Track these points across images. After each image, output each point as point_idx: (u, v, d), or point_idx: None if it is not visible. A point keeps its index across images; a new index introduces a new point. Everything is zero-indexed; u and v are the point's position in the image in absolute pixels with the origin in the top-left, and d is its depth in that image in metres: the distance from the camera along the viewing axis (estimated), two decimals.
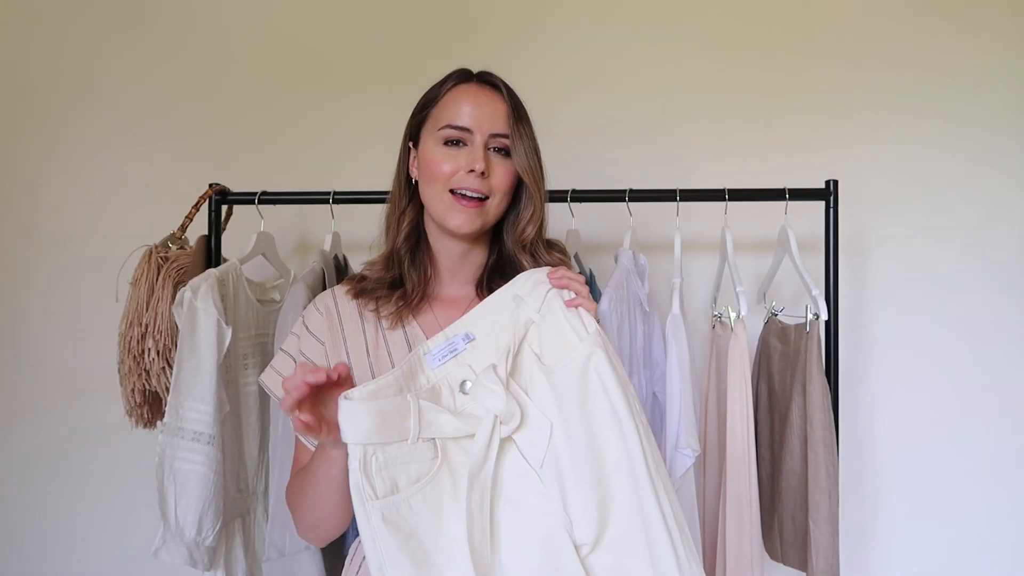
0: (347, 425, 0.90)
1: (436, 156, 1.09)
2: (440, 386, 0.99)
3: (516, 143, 1.09)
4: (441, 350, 1.01)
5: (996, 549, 1.87)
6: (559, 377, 0.97)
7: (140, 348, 1.44)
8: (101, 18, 1.99)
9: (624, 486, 0.93)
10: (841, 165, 1.82)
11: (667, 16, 1.93)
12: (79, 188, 1.99)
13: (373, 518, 0.90)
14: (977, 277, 1.88)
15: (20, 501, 1.99)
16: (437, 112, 1.11)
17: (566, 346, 0.99)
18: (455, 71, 1.14)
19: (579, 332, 0.98)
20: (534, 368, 0.98)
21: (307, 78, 1.97)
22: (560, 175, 1.40)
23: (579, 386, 0.96)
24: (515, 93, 1.13)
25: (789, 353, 1.55)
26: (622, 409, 0.94)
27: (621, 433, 0.94)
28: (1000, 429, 1.88)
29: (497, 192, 1.09)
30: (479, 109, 1.08)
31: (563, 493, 0.93)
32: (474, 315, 1.03)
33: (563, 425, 0.95)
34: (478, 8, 1.96)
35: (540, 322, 1.01)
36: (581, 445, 0.94)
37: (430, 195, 1.10)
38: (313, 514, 1.06)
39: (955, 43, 1.88)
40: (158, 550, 1.32)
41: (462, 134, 1.08)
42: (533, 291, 1.03)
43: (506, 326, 1.01)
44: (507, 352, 0.99)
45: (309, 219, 1.92)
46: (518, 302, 1.02)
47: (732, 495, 1.45)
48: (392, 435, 0.92)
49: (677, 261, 1.54)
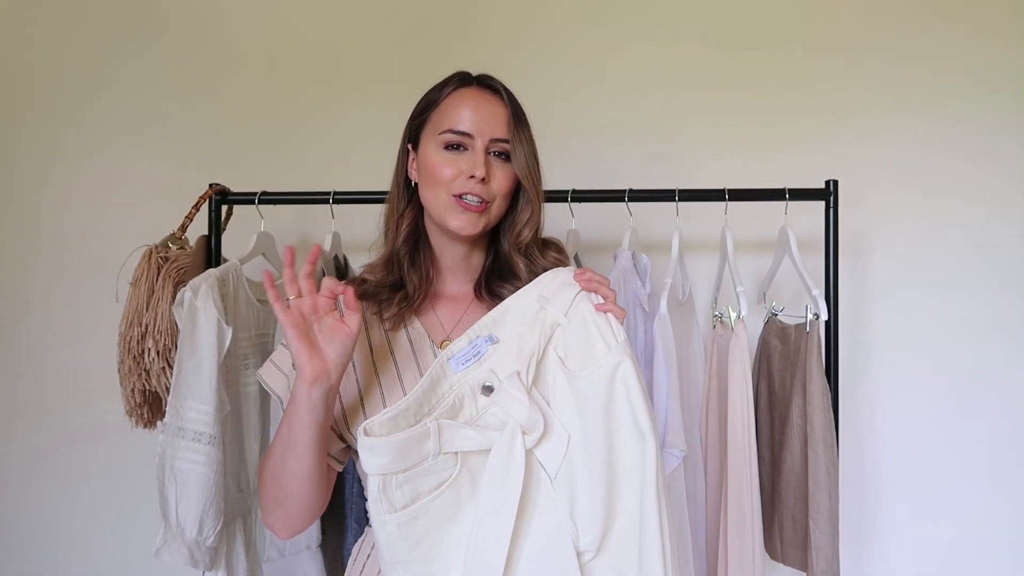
0: (367, 459, 0.90)
1: (437, 160, 1.08)
2: (463, 394, 0.98)
3: (516, 147, 1.09)
4: (465, 354, 0.99)
5: (996, 549, 1.88)
6: (583, 383, 0.96)
7: (140, 348, 1.43)
8: (101, 19, 1.99)
9: (631, 495, 0.93)
10: (841, 165, 1.82)
11: (667, 16, 1.93)
12: (79, 188, 1.99)
13: (390, 527, 0.90)
14: (977, 277, 1.88)
15: (20, 501, 1.99)
16: (438, 116, 1.11)
17: (592, 352, 0.97)
18: (455, 74, 1.14)
19: (607, 339, 0.97)
20: (557, 372, 0.97)
21: (307, 78, 1.97)
22: (560, 175, 1.40)
23: (604, 394, 0.95)
24: (515, 97, 1.13)
25: (789, 353, 1.55)
26: (645, 422, 0.94)
27: (641, 446, 0.93)
28: (1000, 429, 1.88)
29: (497, 196, 1.10)
30: (480, 114, 1.08)
31: (572, 500, 0.93)
32: (497, 316, 1.02)
33: (582, 433, 0.94)
34: (478, 8, 1.96)
35: (567, 325, 0.99)
36: (598, 454, 0.94)
37: (430, 198, 1.10)
38: (280, 483, 1.00)
39: (955, 43, 1.89)
40: (159, 550, 1.32)
41: (463, 139, 1.08)
42: (560, 292, 1.01)
43: (530, 328, 1.00)
44: (531, 356, 0.98)
45: (309, 219, 1.92)
46: (543, 303, 1.01)
47: (733, 495, 1.45)
48: (412, 461, 0.92)
49: (673, 261, 1.54)
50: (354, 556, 1.12)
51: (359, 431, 0.91)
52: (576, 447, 0.94)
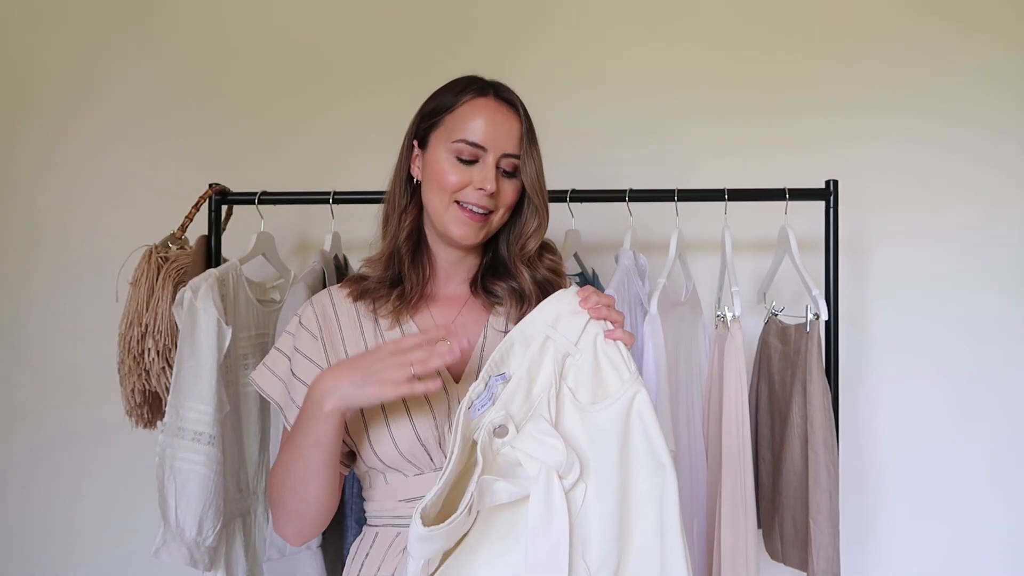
0: (421, 547, 0.86)
1: (446, 167, 1.08)
2: (484, 442, 0.94)
3: (526, 162, 1.09)
4: (482, 399, 0.96)
5: (996, 549, 1.87)
6: (598, 417, 0.94)
7: (140, 348, 1.44)
8: (101, 18, 1.99)
9: (647, 530, 0.92)
10: (841, 165, 1.82)
11: (667, 16, 1.93)
12: (79, 188, 1.99)
13: None
14: (977, 277, 1.88)
15: (20, 501, 1.99)
16: (452, 122, 1.10)
17: (605, 385, 0.95)
18: (472, 81, 1.13)
19: (620, 371, 0.95)
20: (568, 405, 0.95)
21: (307, 78, 1.97)
22: (560, 175, 1.40)
23: (620, 428, 0.93)
24: (527, 110, 1.12)
25: (789, 353, 1.55)
26: (664, 453, 0.92)
27: (661, 477, 0.92)
28: (1000, 429, 1.88)
29: (502, 207, 1.10)
30: (495, 128, 1.08)
31: (584, 541, 0.91)
32: (504, 350, 0.98)
33: (596, 468, 0.92)
34: (480, 9, 1.95)
35: (576, 355, 0.97)
36: (613, 490, 0.92)
37: (434, 202, 1.10)
38: (295, 496, 1.01)
39: (955, 43, 1.88)
40: (158, 550, 1.32)
41: (476, 151, 1.07)
42: (568, 321, 0.98)
43: (539, 359, 0.97)
44: (548, 390, 0.95)
45: (309, 219, 1.92)
46: (550, 333, 0.98)
47: (727, 495, 1.45)
48: (457, 537, 0.90)
49: (669, 262, 1.54)
50: (352, 555, 1.12)
51: (414, 518, 0.86)
52: (590, 483, 0.92)
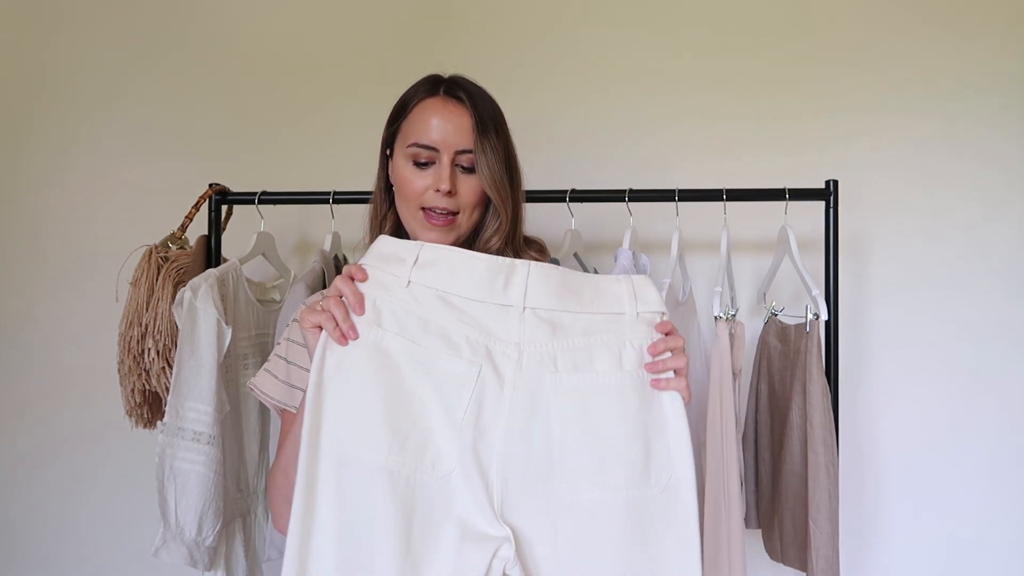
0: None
1: (407, 174, 1.09)
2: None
3: (480, 158, 1.07)
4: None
5: (997, 549, 1.87)
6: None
7: (140, 348, 1.44)
8: (101, 21, 1.99)
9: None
10: (841, 165, 1.82)
11: (667, 17, 1.93)
12: (79, 188, 1.99)
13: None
14: (977, 277, 1.88)
15: (20, 501, 1.99)
16: (407, 126, 1.10)
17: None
18: (424, 81, 1.13)
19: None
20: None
21: (307, 78, 1.97)
22: (560, 175, 1.40)
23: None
24: (483, 100, 1.10)
25: (789, 353, 1.55)
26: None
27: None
28: (1001, 429, 1.87)
29: (466, 207, 1.09)
30: (444, 126, 1.07)
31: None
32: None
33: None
34: (479, 11, 1.95)
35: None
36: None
37: (403, 210, 1.12)
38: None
39: (955, 43, 1.88)
40: (158, 550, 1.32)
41: (429, 153, 1.07)
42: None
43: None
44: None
45: (309, 219, 1.92)
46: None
47: (710, 497, 1.40)
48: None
49: (672, 261, 1.54)
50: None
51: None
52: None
